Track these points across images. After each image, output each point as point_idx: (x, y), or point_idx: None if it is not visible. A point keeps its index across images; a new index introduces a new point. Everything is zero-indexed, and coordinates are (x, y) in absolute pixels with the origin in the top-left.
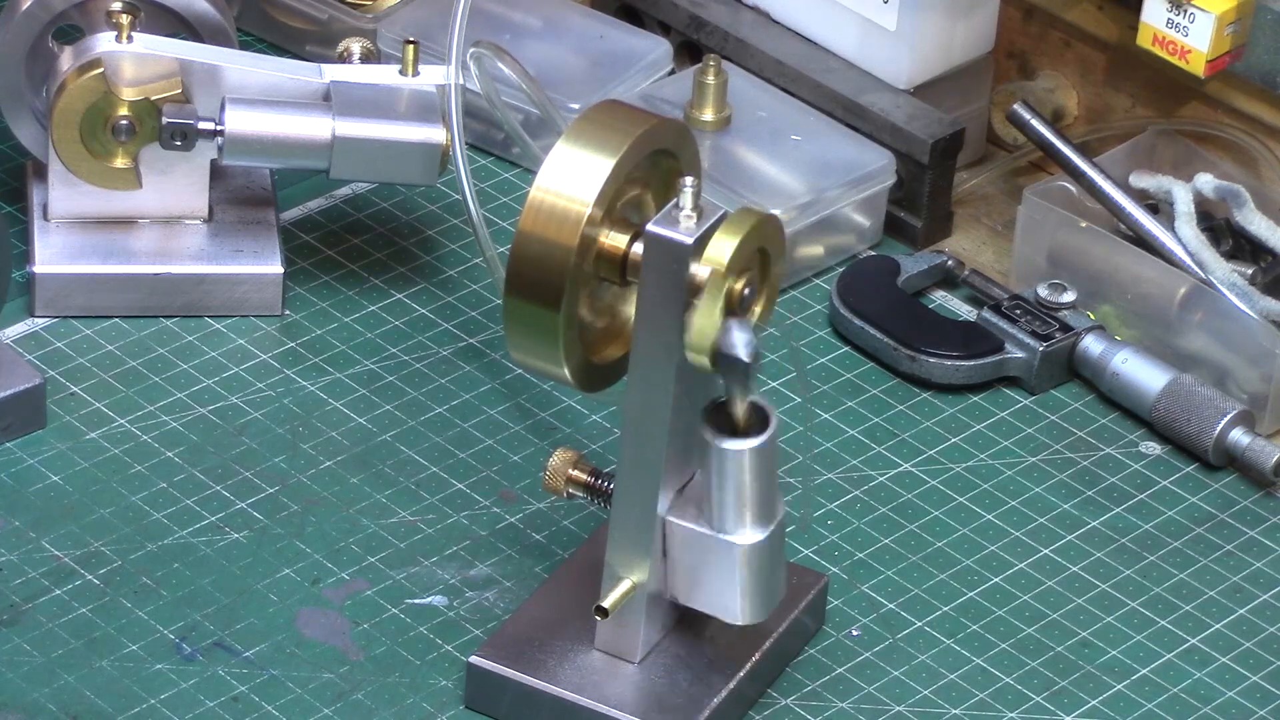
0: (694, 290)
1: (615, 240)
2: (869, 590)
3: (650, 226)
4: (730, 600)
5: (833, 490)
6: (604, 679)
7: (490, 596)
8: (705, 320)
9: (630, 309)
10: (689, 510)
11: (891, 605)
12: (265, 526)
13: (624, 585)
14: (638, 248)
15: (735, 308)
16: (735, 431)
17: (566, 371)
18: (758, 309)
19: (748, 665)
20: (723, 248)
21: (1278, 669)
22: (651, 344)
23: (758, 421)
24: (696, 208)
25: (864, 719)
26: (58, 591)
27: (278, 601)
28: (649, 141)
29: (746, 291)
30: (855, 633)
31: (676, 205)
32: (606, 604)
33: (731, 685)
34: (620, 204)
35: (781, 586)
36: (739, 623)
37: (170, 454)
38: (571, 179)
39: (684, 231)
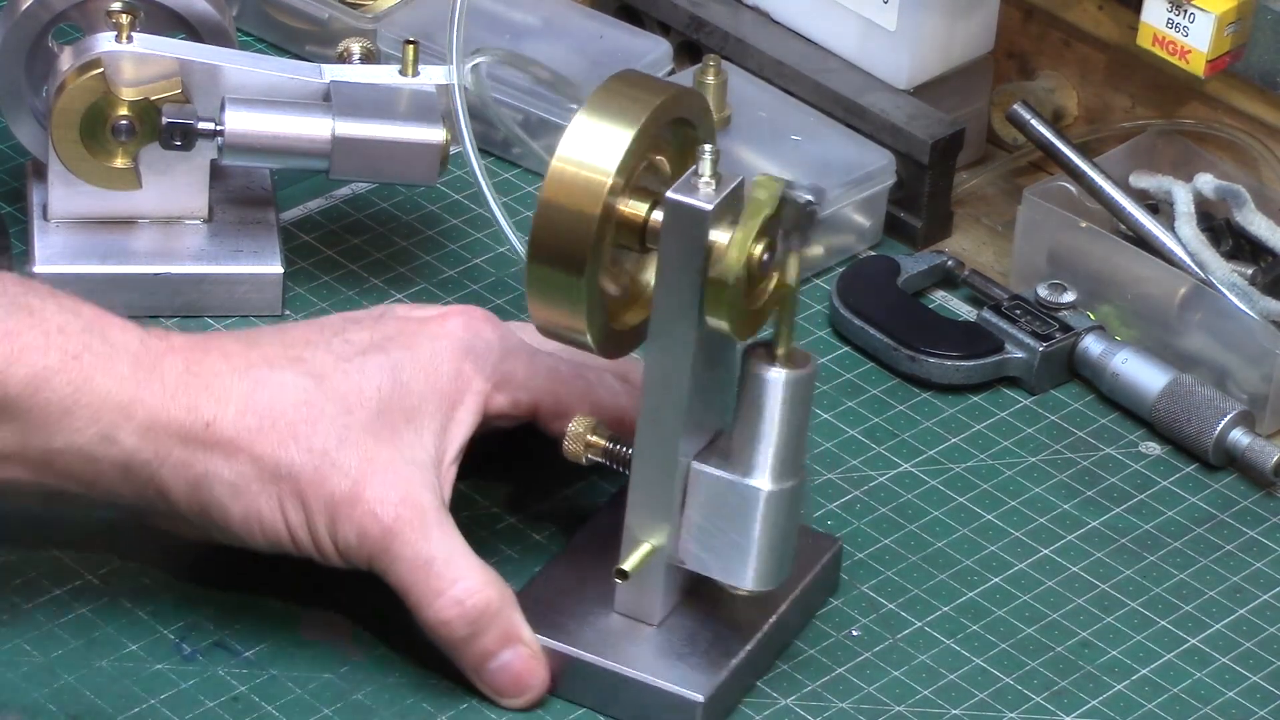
0: (711, 255)
1: (635, 208)
2: (869, 590)
3: (670, 193)
4: (741, 563)
5: (833, 490)
6: (624, 641)
7: None
8: (743, 237)
9: (649, 275)
10: (713, 459)
11: (891, 605)
12: None
13: (644, 548)
14: (657, 215)
15: (755, 273)
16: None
17: (589, 338)
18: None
19: (765, 627)
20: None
21: (1278, 669)
22: (672, 308)
23: (799, 362)
24: (715, 174)
25: (864, 719)
26: (58, 591)
27: (278, 601)
28: (668, 110)
29: (765, 258)
30: (855, 633)
31: (695, 172)
32: (627, 566)
33: (750, 646)
34: (639, 172)
35: (791, 560)
36: (746, 588)
37: None
38: (593, 149)
39: (703, 198)
